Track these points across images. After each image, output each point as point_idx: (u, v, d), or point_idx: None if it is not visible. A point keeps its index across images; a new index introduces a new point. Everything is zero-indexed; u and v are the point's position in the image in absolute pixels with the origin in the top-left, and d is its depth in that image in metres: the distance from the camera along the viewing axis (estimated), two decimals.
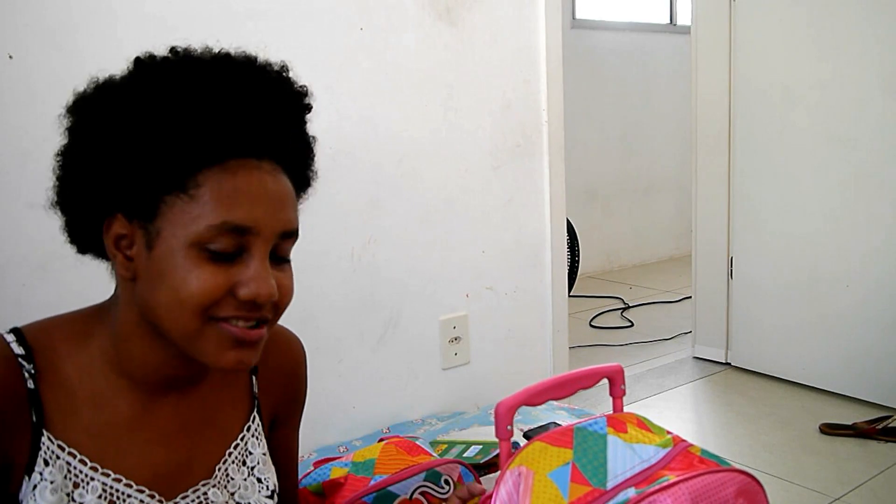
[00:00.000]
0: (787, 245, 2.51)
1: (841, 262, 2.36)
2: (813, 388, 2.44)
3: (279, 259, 0.71)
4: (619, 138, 4.38)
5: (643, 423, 0.91)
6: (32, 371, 0.69)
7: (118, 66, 1.48)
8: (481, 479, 1.26)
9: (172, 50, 0.72)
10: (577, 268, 3.53)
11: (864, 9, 2.24)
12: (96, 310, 0.77)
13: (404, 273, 1.82)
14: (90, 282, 1.38)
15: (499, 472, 0.90)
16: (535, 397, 0.94)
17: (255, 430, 0.85)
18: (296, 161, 0.75)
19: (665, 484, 0.79)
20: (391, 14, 1.74)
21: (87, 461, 0.70)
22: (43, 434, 0.69)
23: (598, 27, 4.24)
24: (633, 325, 3.30)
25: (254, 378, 0.86)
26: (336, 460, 1.21)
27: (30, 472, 0.68)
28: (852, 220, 2.33)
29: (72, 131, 0.72)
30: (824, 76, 2.35)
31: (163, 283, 0.67)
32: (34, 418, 0.69)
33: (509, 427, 0.91)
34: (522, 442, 1.15)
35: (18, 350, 0.69)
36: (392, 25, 1.75)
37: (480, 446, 1.49)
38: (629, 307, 3.59)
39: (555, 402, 1.79)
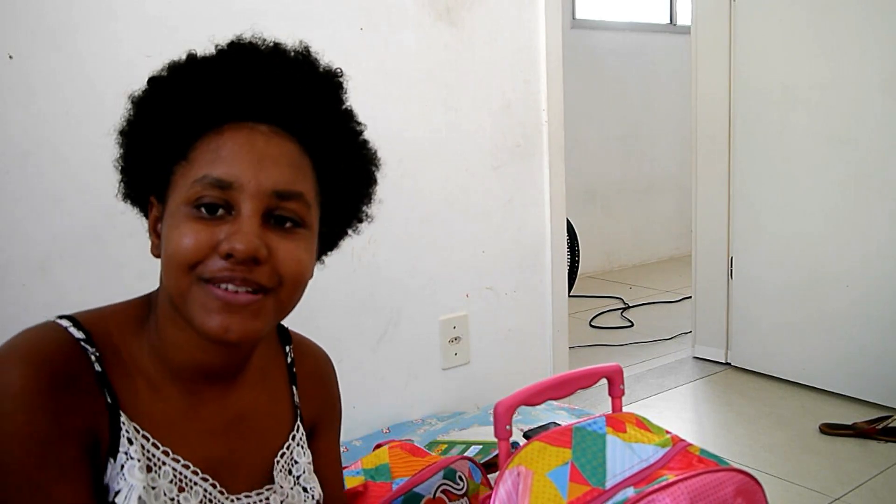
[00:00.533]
0: (787, 245, 2.51)
1: (841, 262, 2.37)
2: (813, 388, 2.44)
3: (284, 225, 0.69)
4: (619, 138, 4.38)
5: (642, 423, 0.91)
6: (97, 354, 0.69)
7: (118, 66, 1.48)
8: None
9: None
10: (577, 268, 3.53)
11: (864, 9, 2.24)
12: (146, 299, 0.77)
13: (404, 273, 1.82)
14: (90, 282, 1.39)
15: (498, 472, 0.90)
16: (534, 397, 0.95)
17: (300, 439, 0.85)
18: (312, 130, 0.73)
19: (664, 483, 0.79)
20: (391, 14, 1.75)
21: (159, 445, 0.71)
22: (121, 414, 0.68)
23: (598, 27, 4.24)
24: (633, 325, 3.30)
25: (294, 388, 0.86)
26: (344, 469, 1.21)
27: (114, 453, 0.68)
28: (852, 220, 2.33)
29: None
30: (824, 76, 2.35)
31: (163, 247, 0.70)
32: (109, 400, 0.68)
33: (508, 427, 0.91)
34: (522, 442, 1.15)
35: (79, 334, 0.69)
36: (392, 25, 1.75)
37: (480, 446, 1.49)
38: (629, 307, 3.59)
39: (554, 402, 1.79)
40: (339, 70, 0.77)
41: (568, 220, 2.62)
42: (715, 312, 2.76)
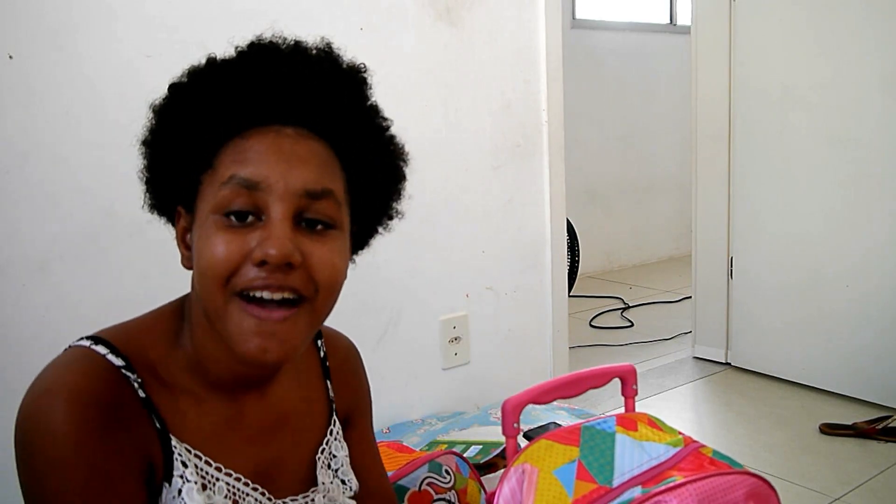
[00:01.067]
0: (787, 245, 2.51)
1: (841, 262, 2.37)
2: (813, 388, 2.44)
3: (316, 227, 0.68)
4: (619, 138, 4.38)
5: (654, 423, 0.91)
6: (140, 380, 0.68)
7: (118, 66, 1.48)
8: (482, 478, 1.27)
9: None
10: (577, 268, 3.53)
11: (864, 9, 2.24)
12: (176, 308, 0.75)
13: (404, 273, 1.82)
14: (89, 282, 1.39)
15: (502, 470, 0.90)
16: (544, 395, 0.94)
17: (337, 433, 0.85)
18: (338, 129, 0.71)
19: (672, 485, 0.78)
20: (391, 14, 1.74)
21: (212, 462, 0.70)
22: (171, 438, 0.68)
23: (598, 27, 4.24)
24: (633, 325, 3.30)
25: (328, 382, 0.86)
26: None
27: (168, 477, 0.67)
28: (852, 220, 2.33)
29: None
30: (824, 76, 2.35)
31: (195, 259, 0.68)
32: (157, 425, 0.68)
33: (516, 424, 0.91)
34: (523, 443, 1.15)
35: (118, 361, 0.67)
36: (392, 25, 1.75)
37: (480, 446, 1.49)
38: (629, 307, 3.59)
39: (555, 402, 1.79)
40: (362, 65, 0.76)
41: (568, 220, 2.62)
42: (715, 312, 2.76)
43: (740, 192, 2.64)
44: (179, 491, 0.67)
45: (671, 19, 4.63)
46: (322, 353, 0.87)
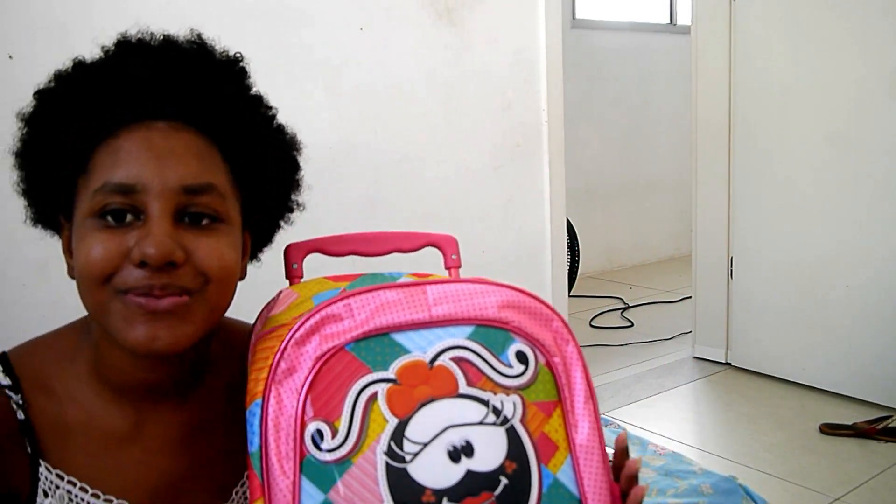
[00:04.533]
0: (787, 245, 2.51)
1: (841, 262, 2.37)
2: (813, 388, 2.44)
3: (201, 223, 0.65)
4: (619, 138, 4.38)
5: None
6: (21, 402, 0.66)
7: None
8: None
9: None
10: (577, 268, 3.53)
11: (864, 8, 2.24)
12: (83, 322, 0.73)
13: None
14: None
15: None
16: (336, 245, 0.79)
17: None
18: (213, 119, 0.68)
19: (402, 282, 0.64)
20: (391, 14, 1.74)
21: (88, 488, 0.67)
22: (40, 465, 0.66)
23: (598, 27, 4.23)
24: (633, 325, 3.30)
25: None
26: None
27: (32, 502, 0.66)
28: (852, 220, 2.33)
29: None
30: (824, 76, 2.35)
31: (74, 264, 0.66)
32: (29, 450, 0.66)
33: (295, 265, 0.76)
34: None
35: (5, 381, 0.66)
36: (392, 25, 1.75)
37: None
38: (629, 307, 3.58)
39: None
40: (238, 55, 0.73)
41: (568, 220, 2.62)
42: (715, 312, 2.76)
43: (740, 192, 2.64)
44: None
45: (671, 19, 4.63)
46: None
